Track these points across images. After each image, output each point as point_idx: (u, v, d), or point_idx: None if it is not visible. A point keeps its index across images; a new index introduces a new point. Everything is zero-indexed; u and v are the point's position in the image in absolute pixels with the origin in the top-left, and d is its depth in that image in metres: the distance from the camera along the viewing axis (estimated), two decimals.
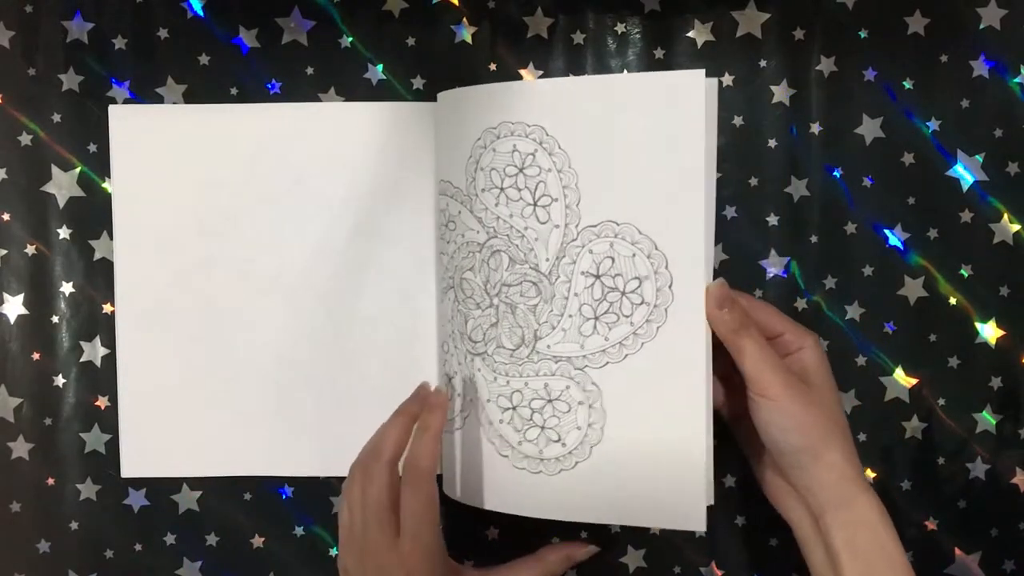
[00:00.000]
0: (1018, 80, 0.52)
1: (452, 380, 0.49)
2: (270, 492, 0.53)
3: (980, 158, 0.52)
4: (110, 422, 0.53)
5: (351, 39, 0.52)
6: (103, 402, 0.53)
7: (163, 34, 0.52)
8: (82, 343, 0.53)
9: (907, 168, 0.52)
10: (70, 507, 0.53)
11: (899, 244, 0.52)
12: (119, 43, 0.52)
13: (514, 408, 0.47)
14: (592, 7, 0.52)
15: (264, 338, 0.52)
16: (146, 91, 0.52)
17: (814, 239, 0.52)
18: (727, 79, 0.52)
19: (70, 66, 0.52)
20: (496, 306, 0.47)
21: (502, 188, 0.46)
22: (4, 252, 0.53)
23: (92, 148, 0.52)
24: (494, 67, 0.52)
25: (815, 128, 0.52)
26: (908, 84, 0.52)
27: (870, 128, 0.52)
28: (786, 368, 0.44)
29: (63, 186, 0.52)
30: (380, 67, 0.52)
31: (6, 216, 0.52)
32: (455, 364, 0.49)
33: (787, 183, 0.52)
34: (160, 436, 0.53)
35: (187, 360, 0.52)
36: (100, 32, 0.52)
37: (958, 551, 0.53)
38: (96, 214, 0.52)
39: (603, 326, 0.45)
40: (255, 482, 0.53)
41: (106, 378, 0.53)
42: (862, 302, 0.52)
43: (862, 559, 0.42)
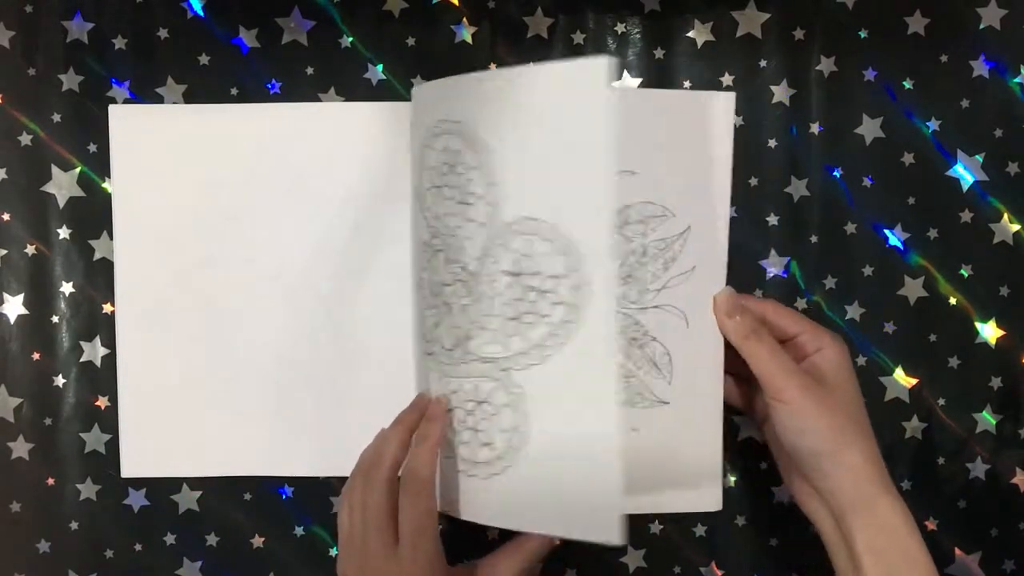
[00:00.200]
0: (1018, 80, 0.52)
1: (426, 380, 0.49)
2: (270, 492, 0.53)
3: (980, 158, 0.52)
4: (110, 422, 0.53)
5: (351, 39, 0.52)
6: (103, 402, 0.53)
7: (163, 34, 0.52)
8: (82, 343, 0.53)
9: (907, 168, 0.52)
10: (70, 507, 0.53)
11: (899, 244, 0.52)
12: (119, 43, 0.52)
13: (451, 409, 0.46)
14: (592, 7, 0.52)
15: (264, 338, 0.52)
16: (146, 91, 0.52)
17: (814, 239, 0.52)
18: (727, 79, 0.52)
19: (70, 66, 0.52)
20: (437, 306, 0.46)
21: (438, 187, 0.45)
22: (4, 252, 0.53)
23: (92, 148, 0.52)
24: (494, 67, 0.52)
25: (815, 128, 0.52)
26: (908, 84, 0.52)
27: (870, 128, 0.52)
28: (800, 371, 0.44)
29: (63, 186, 0.52)
30: (380, 67, 0.52)
31: (6, 216, 0.53)
32: (419, 364, 0.49)
33: (787, 183, 0.52)
34: (160, 436, 0.53)
35: (187, 360, 0.52)
36: (100, 32, 0.52)
37: (958, 551, 0.53)
38: (96, 214, 0.52)
39: (524, 326, 0.44)
40: (255, 482, 0.53)
41: (106, 378, 0.53)
42: (862, 302, 0.52)
43: (884, 563, 0.42)
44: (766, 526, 0.53)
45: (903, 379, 0.53)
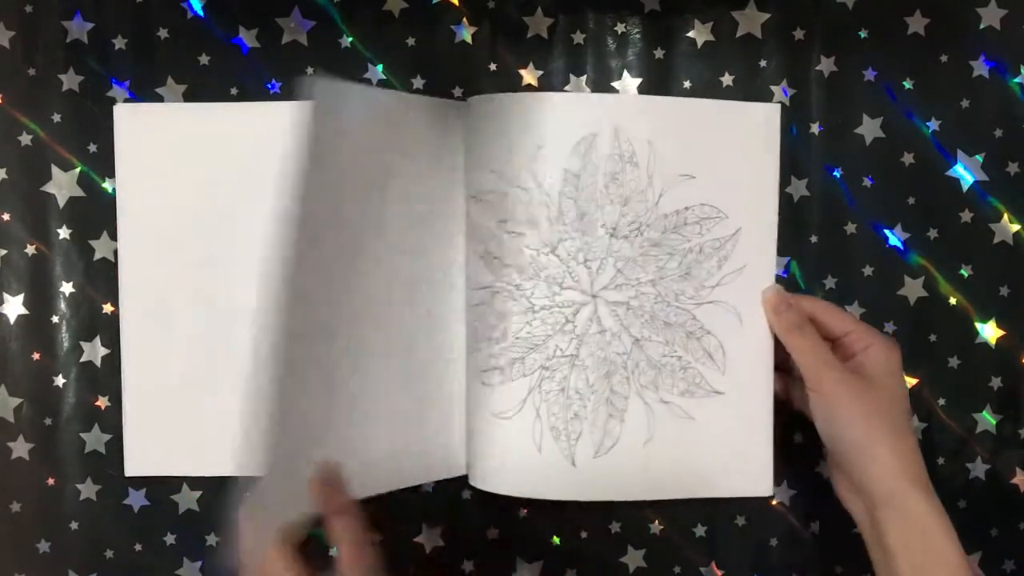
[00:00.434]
0: (1018, 80, 0.52)
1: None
2: None
3: (980, 158, 0.52)
4: (110, 422, 0.53)
5: (351, 39, 0.52)
6: (103, 402, 0.53)
7: (163, 34, 0.52)
8: (82, 343, 0.53)
9: (907, 168, 0.52)
10: (70, 507, 0.53)
11: (899, 244, 0.52)
12: (119, 43, 0.52)
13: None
14: (592, 7, 0.52)
15: None
16: (146, 91, 0.52)
17: (814, 239, 0.52)
18: (727, 79, 0.52)
19: (70, 66, 0.52)
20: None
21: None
22: (4, 252, 0.53)
23: (92, 148, 0.52)
24: (494, 67, 0.52)
25: (815, 128, 0.52)
26: (908, 84, 0.52)
27: (870, 128, 0.52)
28: (839, 365, 0.46)
29: (63, 186, 0.52)
30: (380, 67, 0.52)
31: (6, 216, 0.53)
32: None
33: (787, 183, 0.52)
34: (164, 435, 0.53)
35: (191, 359, 0.52)
36: (100, 32, 0.52)
37: None
38: (96, 214, 0.52)
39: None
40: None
41: (106, 378, 0.53)
42: (862, 302, 0.52)
43: (914, 559, 0.42)
44: (766, 526, 0.53)
45: None
